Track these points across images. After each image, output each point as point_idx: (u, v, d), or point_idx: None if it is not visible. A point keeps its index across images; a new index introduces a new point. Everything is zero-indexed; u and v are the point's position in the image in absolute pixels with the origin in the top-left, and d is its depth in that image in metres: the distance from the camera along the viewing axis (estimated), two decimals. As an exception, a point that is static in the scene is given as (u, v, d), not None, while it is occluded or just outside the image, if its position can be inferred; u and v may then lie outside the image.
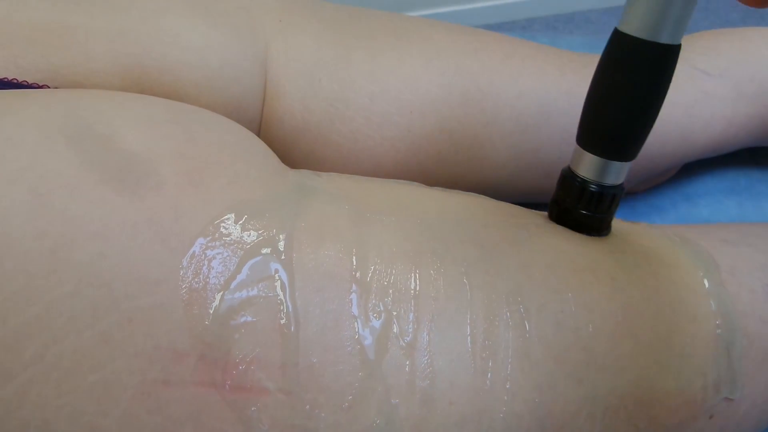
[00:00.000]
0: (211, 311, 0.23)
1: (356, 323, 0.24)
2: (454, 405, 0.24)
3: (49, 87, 0.31)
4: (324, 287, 0.25)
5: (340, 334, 0.24)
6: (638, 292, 0.29)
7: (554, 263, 0.28)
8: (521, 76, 0.39)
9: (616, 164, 0.29)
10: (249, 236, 0.25)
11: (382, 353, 0.24)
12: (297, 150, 0.38)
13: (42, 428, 0.21)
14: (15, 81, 0.30)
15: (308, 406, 0.23)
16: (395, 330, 0.25)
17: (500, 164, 0.40)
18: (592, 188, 0.30)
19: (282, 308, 0.24)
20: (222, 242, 0.24)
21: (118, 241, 0.23)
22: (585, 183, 0.30)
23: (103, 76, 0.32)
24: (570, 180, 0.30)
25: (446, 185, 0.40)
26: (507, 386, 0.25)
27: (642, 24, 0.26)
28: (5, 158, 0.23)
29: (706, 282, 0.30)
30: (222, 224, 0.24)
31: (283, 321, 0.24)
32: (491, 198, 0.33)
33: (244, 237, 0.24)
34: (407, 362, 0.24)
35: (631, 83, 0.27)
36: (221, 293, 0.23)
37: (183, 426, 0.22)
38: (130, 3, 0.33)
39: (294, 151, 0.38)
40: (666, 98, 0.28)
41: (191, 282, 0.23)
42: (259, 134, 0.38)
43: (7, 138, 0.24)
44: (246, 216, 0.25)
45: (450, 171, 0.40)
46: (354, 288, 0.25)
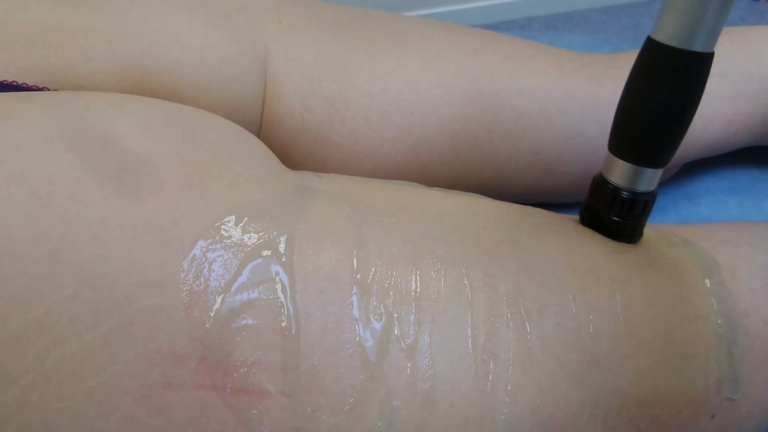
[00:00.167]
0: (212, 314, 0.23)
1: (357, 325, 0.24)
2: (456, 407, 0.24)
3: (49, 89, 0.30)
4: (325, 289, 0.25)
5: (341, 337, 0.24)
6: (639, 293, 0.29)
7: (555, 264, 0.28)
8: (521, 76, 0.39)
9: (649, 171, 0.29)
10: (249, 238, 0.24)
11: (384, 355, 0.24)
12: (297, 151, 0.38)
13: None
14: (15, 83, 0.30)
15: (309, 409, 0.23)
16: (396, 332, 0.25)
17: (500, 164, 0.40)
18: (624, 195, 0.30)
19: (283, 311, 0.24)
20: (222, 245, 0.24)
21: (119, 244, 0.23)
22: (617, 190, 0.30)
23: (103, 77, 0.32)
24: (602, 187, 0.30)
25: (447, 186, 0.40)
26: (508, 388, 0.25)
27: (675, 32, 0.25)
28: (5, 161, 0.23)
29: (707, 281, 0.30)
30: (222, 226, 0.24)
31: (284, 323, 0.24)
32: (492, 198, 0.33)
33: (245, 239, 0.24)
34: (408, 364, 0.24)
35: (664, 91, 0.27)
36: (222, 296, 0.23)
37: (184, 429, 0.22)
38: (130, 4, 0.33)
39: (294, 152, 0.38)
40: None
41: (192, 285, 0.23)
42: (259, 135, 0.38)
43: (8, 140, 0.24)
44: (246, 218, 0.25)
45: (450, 171, 0.40)
46: (355, 290, 0.25)
